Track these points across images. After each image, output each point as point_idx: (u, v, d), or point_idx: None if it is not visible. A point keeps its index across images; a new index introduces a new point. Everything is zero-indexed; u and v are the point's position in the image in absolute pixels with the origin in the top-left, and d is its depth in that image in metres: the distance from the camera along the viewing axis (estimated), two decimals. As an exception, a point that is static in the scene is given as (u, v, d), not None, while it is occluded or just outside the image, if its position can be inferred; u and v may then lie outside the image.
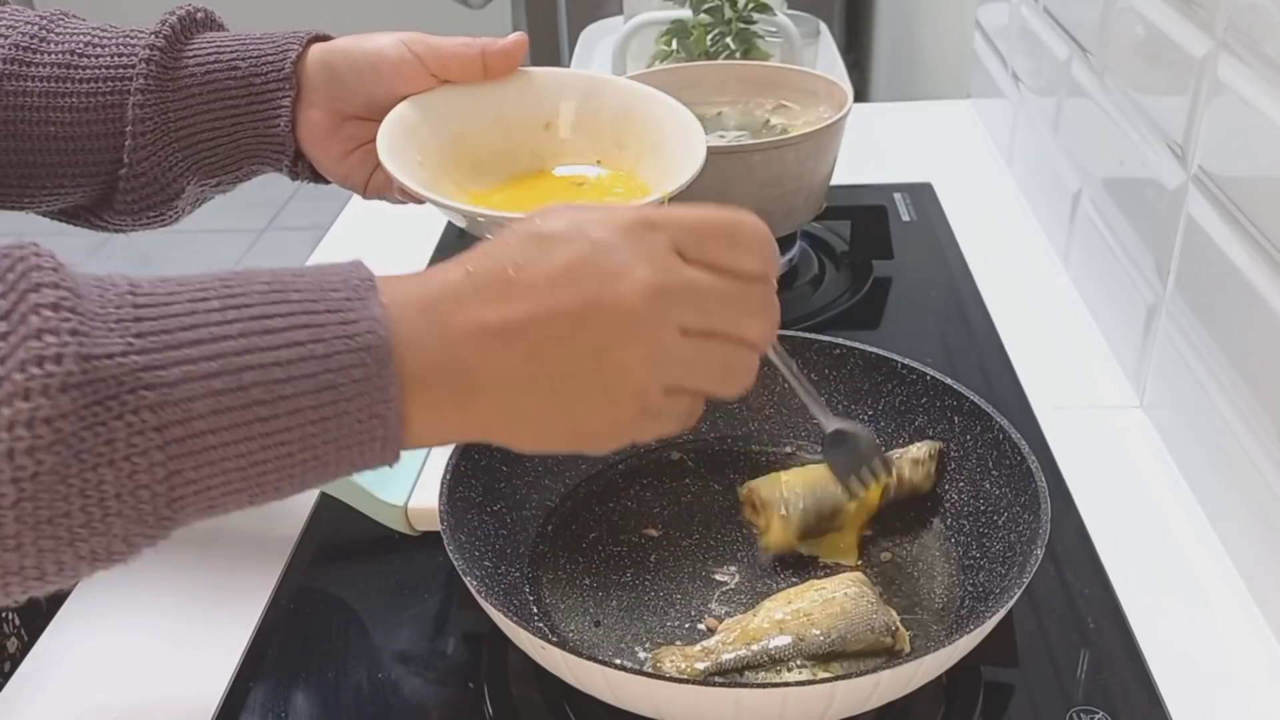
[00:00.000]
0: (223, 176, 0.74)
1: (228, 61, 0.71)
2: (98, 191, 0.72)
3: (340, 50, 0.72)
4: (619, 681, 0.53)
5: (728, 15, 1.28)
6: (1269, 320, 0.66)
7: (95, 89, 0.69)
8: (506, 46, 0.71)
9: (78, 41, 0.70)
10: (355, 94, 0.71)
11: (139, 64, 0.69)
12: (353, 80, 0.71)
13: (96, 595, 0.74)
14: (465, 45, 0.71)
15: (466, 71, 0.71)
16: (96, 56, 0.70)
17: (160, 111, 0.69)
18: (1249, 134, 0.69)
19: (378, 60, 0.71)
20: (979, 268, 1.05)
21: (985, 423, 0.68)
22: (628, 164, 0.72)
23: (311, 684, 0.66)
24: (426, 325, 0.45)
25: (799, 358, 0.76)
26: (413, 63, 0.70)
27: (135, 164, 0.70)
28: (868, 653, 0.59)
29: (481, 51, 0.71)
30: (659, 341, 0.48)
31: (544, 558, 0.68)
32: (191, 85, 0.70)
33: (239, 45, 0.72)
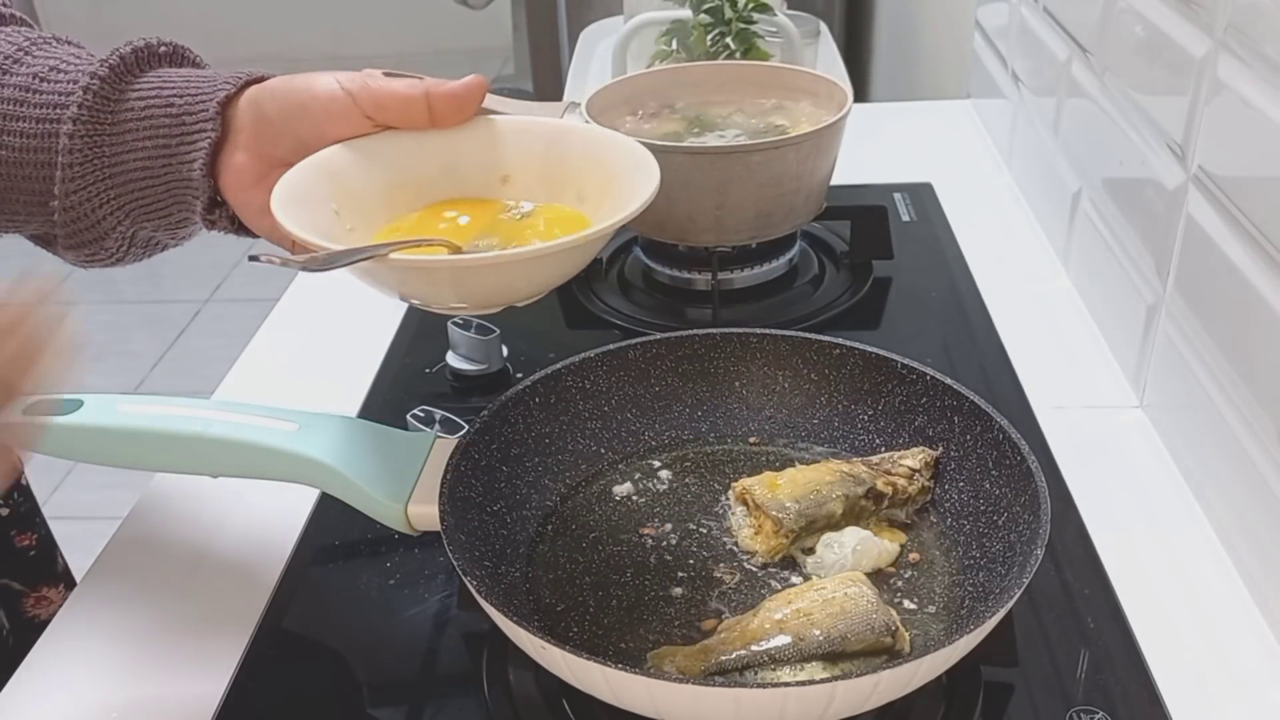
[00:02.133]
0: (156, 220, 0.69)
1: (165, 98, 0.65)
2: (45, 225, 0.69)
3: (269, 89, 0.65)
4: (619, 681, 0.53)
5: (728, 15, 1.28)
6: (1269, 320, 0.66)
7: (43, 115, 0.65)
8: (455, 90, 0.64)
9: (43, 66, 0.66)
10: (283, 136, 0.64)
11: (78, 92, 0.65)
12: (280, 121, 0.64)
13: (96, 595, 0.74)
14: (409, 86, 0.64)
15: (408, 115, 0.64)
16: (53, 83, 0.66)
17: (91, 145, 0.65)
18: (1249, 134, 0.69)
19: (306, 98, 0.64)
20: (979, 268, 1.05)
21: (985, 423, 0.68)
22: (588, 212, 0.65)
23: (311, 684, 0.66)
24: None
25: (799, 357, 0.76)
26: (344, 101, 0.63)
27: (65, 197, 0.66)
28: (868, 653, 0.59)
29: (426, 93, 0.63)
30: None
31: (544, 558, 0.68)
32: (129, 120, 0.65)
33: (181, 83, 0.66)
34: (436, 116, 0.64)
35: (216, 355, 2.96)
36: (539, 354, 0.90)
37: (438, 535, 0.61)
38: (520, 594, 0.65)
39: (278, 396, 0.79)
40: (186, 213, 0.68)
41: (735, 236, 0.96)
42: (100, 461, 0.68)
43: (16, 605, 0.90)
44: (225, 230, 0.69)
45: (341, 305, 1.06)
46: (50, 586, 0.92)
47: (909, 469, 0.70)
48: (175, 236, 0.71)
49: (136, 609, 0.73)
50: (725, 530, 0.70)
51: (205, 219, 0.68)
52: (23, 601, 0.90)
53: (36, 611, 0.91)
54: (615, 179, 0.64)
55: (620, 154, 0.65)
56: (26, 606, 0.91)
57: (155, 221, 0.69)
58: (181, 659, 0.69)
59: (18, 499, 0.91)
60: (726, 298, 1.00)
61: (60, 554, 0.95)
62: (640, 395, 0.76)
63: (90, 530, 1.01)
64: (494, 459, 0.69)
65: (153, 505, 0.82)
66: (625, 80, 1.04)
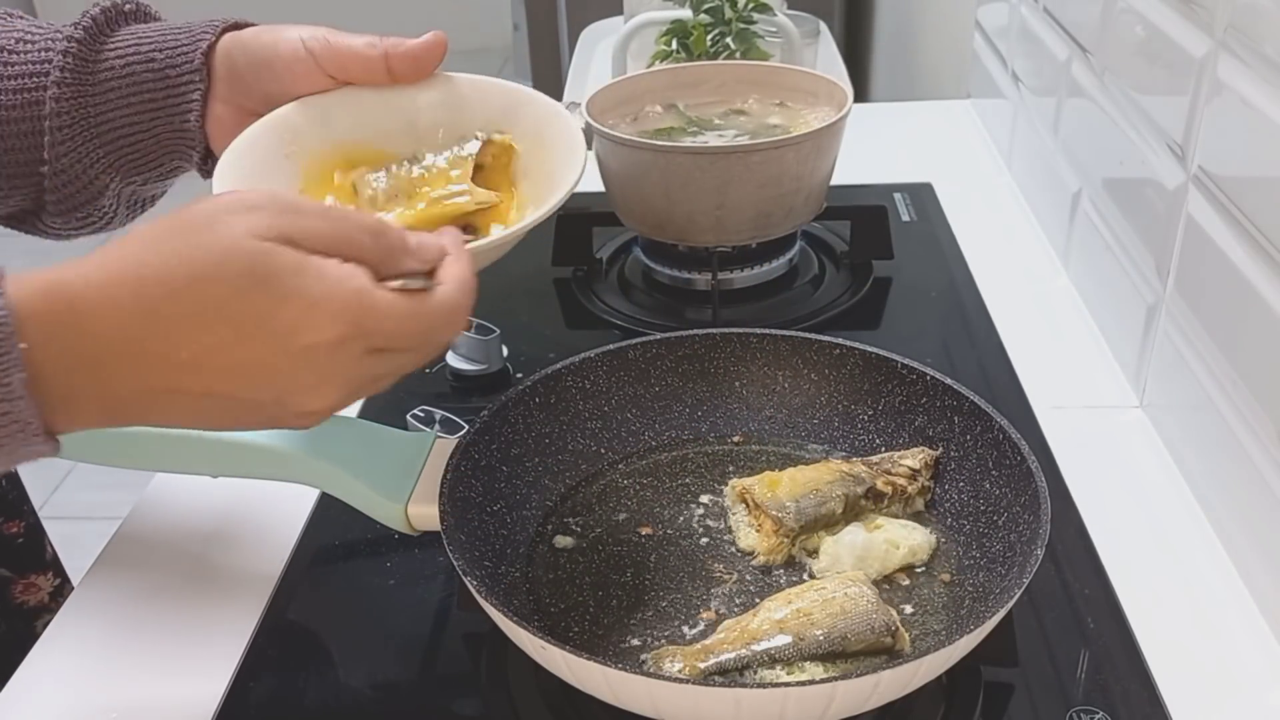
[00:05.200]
0: (147, 174, 0.70)
1: (145, 53, 0.67)
2: (31, 194, 0.70)
3: (240, 43, 0.67)
4: (619, 681, 0.53)
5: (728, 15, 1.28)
6: (1269, 320, 0.66)
7: (20, 85, 0.67)
8: (413, 49, 0.66)
9: (8, 39, 0.68)
10: (252, 90, 0.66)
11: (56, 57, 0.66)
12: (249, 75, 0.66)
13: (96, 594, 0.74)
14: (368, 45, 0.66)
15: (368, 73, 0.66)
16: (24, 53, 0.67)
17: (78, 106, 0.67)
18: (1249, 134, 0.69)
19: (271, 55, 0.66)
20: (979, 268, 1.05)
21: (985, 423, 0.68)
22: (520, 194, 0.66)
23: (311, 684, 0.66)
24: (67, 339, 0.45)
25: (799, 357, 0.76)
26: (306, 60, 0.65)
27: (55, 160, 0.67)
28: (868, 653, 0.59)
29: (385, 54, 0.66)
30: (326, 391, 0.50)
31: (544, 558, 0.68)
32: (110, 79, 0.67)
33: (158, 36, 0.67)
34: (395, 75, 0.66)
35: (216, 355, 2.91)
36: (539, 354, 0.90)
37: (438, 535, 0.61)
38: (520, 594, 0.65)
39: (278, 396, 0.79)
40: (180, 161, 0.70)
41: (735, 236, 0.96)
42: (100, 461, 0.68)
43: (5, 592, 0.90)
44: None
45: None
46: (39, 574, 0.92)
47: (909, 469, 0.70)
48: (160, 187, 0.74)
49: (136, 609, 0.73)
50: (725, 530, 0.70)
51: (201, 169, 0.70)
52: (11, 588, 0.90)
53: (25, 598, 0.91)
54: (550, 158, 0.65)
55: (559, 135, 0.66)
56: (15, 593, 0.90)
57: (145, 174, 0.71)
58: (181, 659, 0.69)
59: (5, 486, 0.91)
60: (726, 298, 1.00)
61: (49, 542, 0.95)
62: (640, 395, 0.76)
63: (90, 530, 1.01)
64: (494, 459, 0.69)
65: (153, 505, 0.82)
66: (625, 80, 1.04)
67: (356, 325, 0.47)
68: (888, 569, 0.66)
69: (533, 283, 1.04)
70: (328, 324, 0.47)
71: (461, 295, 0.51)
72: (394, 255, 0.50)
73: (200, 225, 0.47)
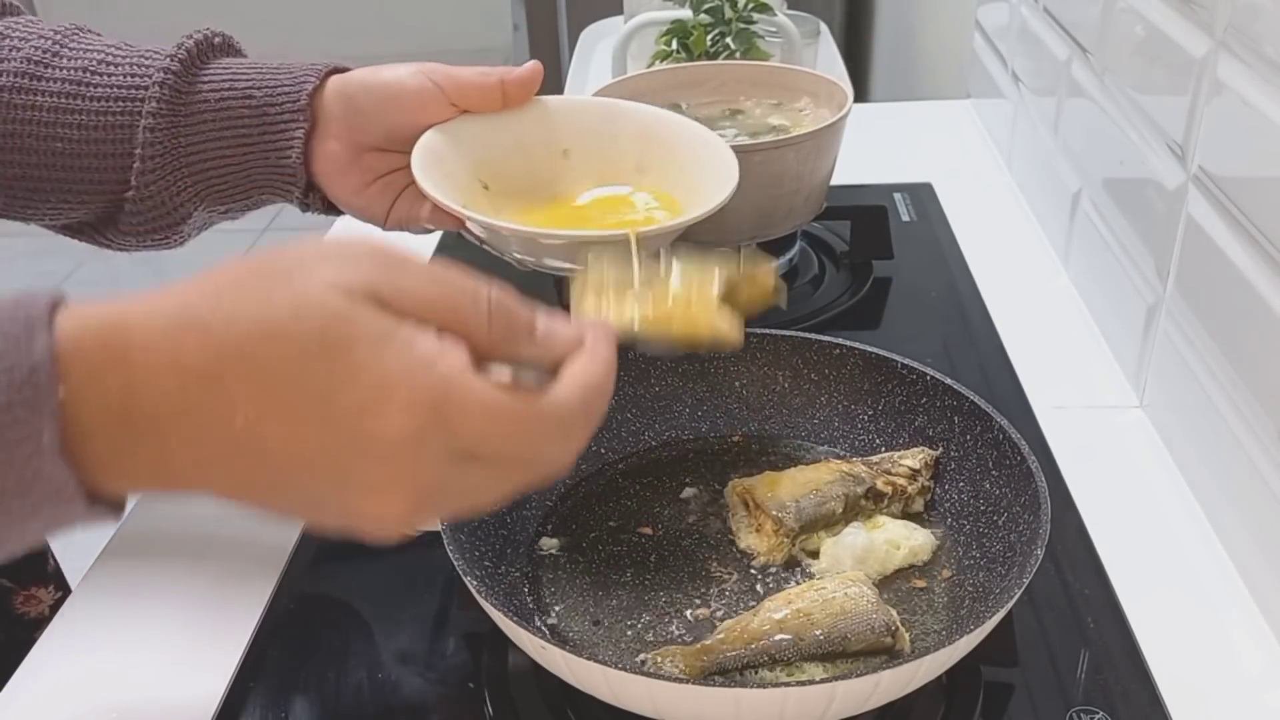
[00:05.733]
0: (232, 205, 0.73)
1: (242, 89, 0.70)
2: (102, 210, 0.71)
3: (359, 81, 0.71)
4: (619, 681, 0.53)
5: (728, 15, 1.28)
6: (1269, 320, 0.66)
7: (106, 108, 0.68)
8: (524, 75, 0.72)
9: (91, 59, 0.69)
10: (375, 125, 0.70)
11: (152, 86, 0.68)
12: (373, 111, 0.70)
13: (96, 595, 0.74)
14: (484, 74, 0.71)
15: (486, 100, 0.71)
16: (109, 75, 0.69)
17: (171, 136, 0.69)
18: (1249, 134, 0.69)
19: (398, 90, 0.70)
20: (979, 268, 1.05)
21: (985, 423, 0.68)
22: (651, 186, 0.74)
23: (311, 684, 0.66)
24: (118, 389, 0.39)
25: (799, 357, 0.76)
26: (433, 92, 0.70)
27: (142, 187, 0.69)
28: (868, 653, 0.59)
29: (500, 80, 0.71)
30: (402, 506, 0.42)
31: (544, 558, 0.68)
32: (205, 111, 0.69)
33: (255, 73, 0.71)
34: (508, 99, 0.72)
35: (216, 355, 2.92)
36: (539, 354, 0.90)
37: (438, 535, 0.61)
38: (520, 594, 0.65)
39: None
40: (273, 196, 0.73)
41: (735, 236, 0.96)
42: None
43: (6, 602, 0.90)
44: (318, 211, 0.75)
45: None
46: (40, 586, 0.92)
47: (909, 469, 0.70)
48: (239, 217, 0.76)
49: (136, 609, 0.73)
50: (725, 530, 0.70)
51: (301, 202, 0.74)
52: (12, 599, 0.90)
53: (25, 609, 0.91)
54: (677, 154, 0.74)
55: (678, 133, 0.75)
56: (16, 604, 0.90)
57: (229, 205, 0.73)
58: (181, 659, 0.69)
59: None
60: (726, 298, 1.00)
61: (52, 555, 0.95)
62: (640, 395, 0.76)
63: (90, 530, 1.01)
64: (494, 459, 0.69)
65: (153, 505, 0.82)
66: (625, 80, 1.04)
67: (436, 416, 0.39)
68: (888, 569, 0.66)
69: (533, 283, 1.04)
70: (401, 410, 0.39)
71: (582, 402, 0.43)
72: (512, 336, 0.43)
73: (281, 273, 0.40)
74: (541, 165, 0.74)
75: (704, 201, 0.68)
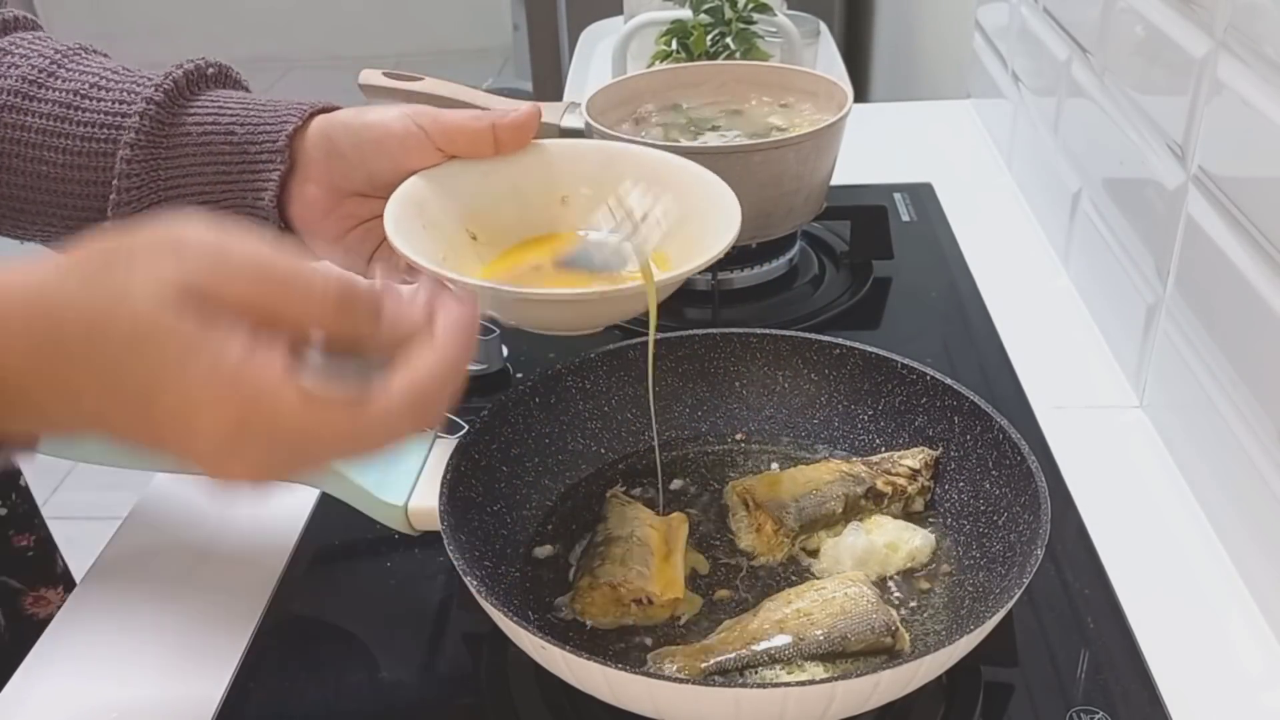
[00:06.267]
0: None
1: (225, 125, 0.67)
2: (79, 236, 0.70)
3: (341, 123, 0.68)
4: (619, 681, 0.53)
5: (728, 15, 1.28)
6: (1269, 320, 0.66)
7: (91, 134, 0.66)
8: (518, 120, 0.68)
9: (83, 82, 0.67)
10: (356, 169, 0.67)
11: (134, 116, 0.66)
12: (354, 155, 0.67)
13: (97, 595, 0.74)
14: (474, 119, 0.67)
15: (476, 146, 0.68)
16: (98, 100, 0.67)
17: (149, 168, 0.66)
18: (1249, 134, 0.69)
19: (382, 134, 0.67)
20: (979, 268, 1.05)
21: (985, 423, 0.68)
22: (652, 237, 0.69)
23: (311, 684, 0.66)
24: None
25: (799, 357, 0.76)
26: (418, 136, 0.67)
27: (119, 219, 0.67)
28: (868, 653, 0.59)
29: (492, 125, 0.67)
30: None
31: (544, 557, 0.68)
32: (187, 145, 0.67)
33: (240, 109, 0.68)
34: (501, 145, 0.68)
35: (216, 355, 2.91)
36: (539, 354, 0.90)
37: (438, 535, 0.61)
38: (520, 594, 0.65)
39: (278, 396, 0.79)
40: None
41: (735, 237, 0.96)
42: (100, 461, 0.68)
43: (16, 603, 0.90)
44: None
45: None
46: (49, 587, 0.92)
47: (909, 469, 0.70)
48: None
49: (136, 609, 0.73)
50: (725, 530, 0.70)
51: None
52: (21, 600, 0.90)
53: (35, 610, 0.91)
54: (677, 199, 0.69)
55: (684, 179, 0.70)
56: (25, 605, 0.91)
57: None
58: (182, 659, 0.69)
59: (16, 500, 0.91)
60: (726, 298, 1.00)
61: (60, 556, 0.95)
62: (640, 395, 0.76)
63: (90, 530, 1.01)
64: (494, 459, 0.69)
65: (153, 505, 0.82)
66: (625, 80, 1.04)
67: (244, 428, 0.41)
68: (888, 571, 0.66)
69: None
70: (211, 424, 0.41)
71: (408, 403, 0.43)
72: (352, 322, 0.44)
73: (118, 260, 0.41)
74: (537, 214, 0.70)
75: (704, 251, 0.64)
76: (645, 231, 0.67)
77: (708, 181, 0.70)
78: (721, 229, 0.66)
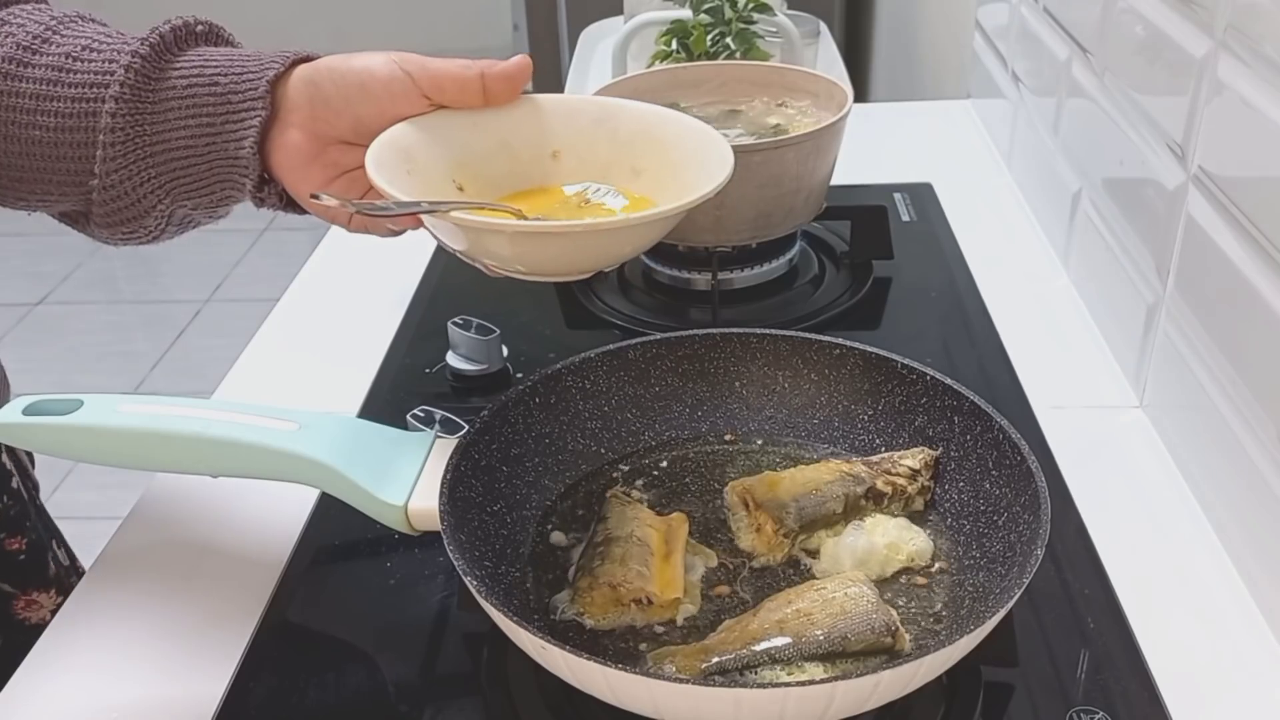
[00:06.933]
0: (198, 199, 0.69)
1: (209, 76, 0.66)
2: (81, 202, 0.69)
3: (326, 68, 0.66)
4: (619, 681, 0.53)
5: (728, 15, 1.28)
6: (1269, 320, 0.66)
7: (80, 95, 0.66)
8: (508, 69, 0.66)
9: (75, 45, 0.67)
10: (341, 116, 0.66)
11: (118, 71, 0.65)
12: (339, 100, 0.66)
13: (96, 595, 0.74)
14: (464, 67, 0.66)
15: (464, 95, 0.66)
16: (88, 62, 0.66)
17: (134, 123, 0.65)
18: (1249, 134, 0.69)
19: (366, 78, 0.65)
20: (979, 268, 1.05)
21: (985, 423, 0.68)
22: (644, 189, 0.69)
23: (311, 684, 0.66)
24: None
25: (799, 357, 0.76)
26: (404, 81, 0.65)
27: (105, 175, 0.66)
28: (868, 653, 0.59)
29: (481, 74, 0.66)
30: None
31: (544, 557, 0.68)
32: (172, 99, 0.66)
33: (225, 61, 0.67)
34: (490, 95, 0.67)
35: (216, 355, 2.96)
36: (539, 354, 0.90)
37: (438, 535, 0.61)
38: (520, 594, 0.65)
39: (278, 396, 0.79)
40: (231, 190, 0.69)
41: (735, 236, 0.96)
42: (100, 461, 0.68)
43: (7, 607, 0.90)
44: (274, 207, 0.70)
45: (342, 306, 1.06)
46: (40, 591, 0.92)
47: (909, 469, 0.70)
48: (214, 214, 0.72)
49: (137, 609, 0.73)
50: (725, 530, 0.70)
51: (255, 196, 0.69)
52: (13, 604, 0.90)
53: (26, 614, 0.90)
54: (673, 154, 0.68)
55: (678, 131, 0.69)
56: (16, 609, 0.90)
57: (196, 199, 0.69)
58: (182, 659, 0.69)
59: (7, 502, 0.90)
60: (726, 298, 1.00)
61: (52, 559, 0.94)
62: (640, 395, 0.76)
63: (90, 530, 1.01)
64: (494, 459, 0.69)
65: (153, 505, 0.82)
66: (625, 80, 1.04)
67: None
68: (888, 571, 0.66)
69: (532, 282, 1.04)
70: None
71: None
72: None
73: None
74: (528, 168, 0.69)
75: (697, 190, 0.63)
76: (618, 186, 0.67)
77: (699, 130, 0.68)
78: (715, 170, 0.64)
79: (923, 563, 0.66)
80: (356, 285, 1.09)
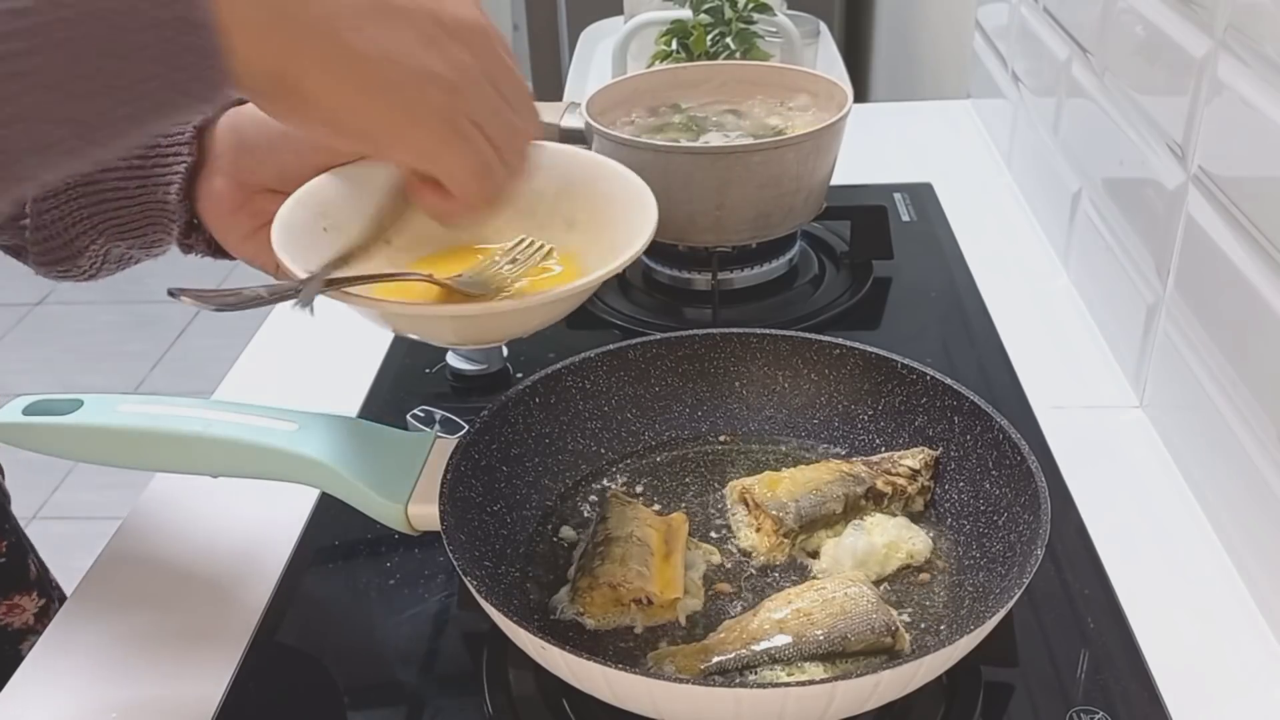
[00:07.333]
0: (131, 240, 0.68)
1: None
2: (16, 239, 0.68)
3: (249, 115, 0.64)
4: (619, 681, 0.53)
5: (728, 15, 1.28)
6: (1269, 320, 0.66)
7: None
8: None
9: None
10: (264, 164, 0.64)
11: None
12: (262, 148, 0.64)
13: (96, 595, 0.74)
14: None
15: None
16: None
17: None
18: (1249, 134, 0.69)
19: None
20: (979, 268, 1.05)
21: (985, 423, 0.68)
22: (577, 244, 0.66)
23: (311, 684, 0.66)
24: None
25: (799, 357, 0.76)
26: None
27: (36, 215, 0.65)
28: (868, 653, 0.59)
29: None
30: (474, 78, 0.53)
31: (544, 557, 0.68)
32: None
33: None
34: None
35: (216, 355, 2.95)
36: (539, 354, 0.90)
37: (438, 535, 0.61)
38: (520, 594, 0.65)
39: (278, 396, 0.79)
40: (161, 234, 0.67)
41: (735, 236, 0.96)
42: (100, 461, 0.68)
43: None
44: (202, 254, 0.69)
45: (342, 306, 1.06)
46: (23, 594, 0.91)
47: (909, 469, 0.70)
48: (150, 254, 0.71)
49: (136, 609, 0.73)
50: (725, 530, 0.70)
51: (182, 243, 0.68)
52: None
53: (9, 620, 0.89)
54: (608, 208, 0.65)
55: (616, 183, 0.66)
56: None
57: (130, 240, 0.68)
58: (181, 659, 0.69)
59: None
60: (726, 298, 1.00)
61: (33, 561, 0.93)
62: (640, 395, 0.76)
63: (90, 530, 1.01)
64: (494, 459, 0.69)
65: (153, 505, 0.82)
66: (625, 80, 1.04)
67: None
68: (887, 571, 0.66)
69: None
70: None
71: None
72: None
73: None
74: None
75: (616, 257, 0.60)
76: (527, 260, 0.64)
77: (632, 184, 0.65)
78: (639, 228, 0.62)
79: (923, 561, 0.66)
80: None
